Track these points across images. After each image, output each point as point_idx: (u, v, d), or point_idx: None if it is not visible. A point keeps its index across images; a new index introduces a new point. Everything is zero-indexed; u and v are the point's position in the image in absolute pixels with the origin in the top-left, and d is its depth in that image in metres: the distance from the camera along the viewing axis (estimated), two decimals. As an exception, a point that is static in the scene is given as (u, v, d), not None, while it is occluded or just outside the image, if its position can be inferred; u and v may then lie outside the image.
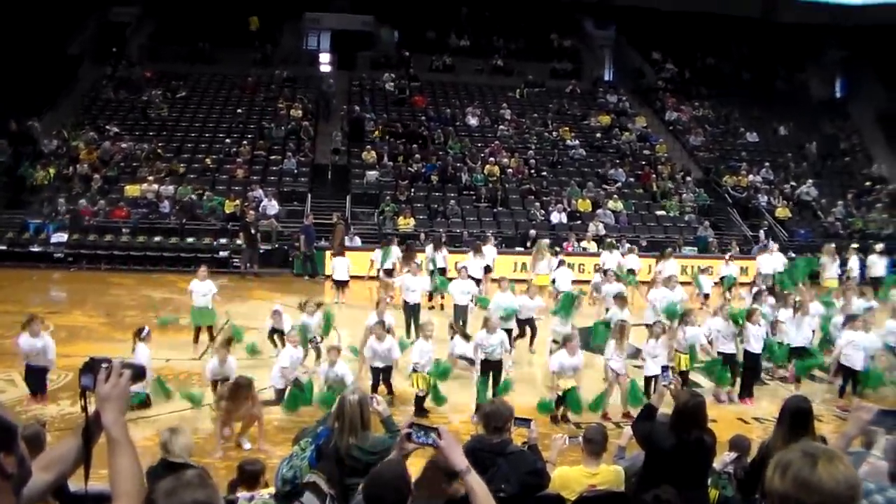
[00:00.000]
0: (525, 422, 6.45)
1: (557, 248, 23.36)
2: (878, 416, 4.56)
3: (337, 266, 21.69)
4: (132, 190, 27.76)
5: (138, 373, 3.20)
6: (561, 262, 21.37)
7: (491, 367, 12.93)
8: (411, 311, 17.79)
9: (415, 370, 12.55)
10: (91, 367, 3.11)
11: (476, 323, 15.26)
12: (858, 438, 6.74)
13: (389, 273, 21.28)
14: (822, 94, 44.94)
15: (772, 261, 23.48)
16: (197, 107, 34.62)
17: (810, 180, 34.31)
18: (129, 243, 25.61)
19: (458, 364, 13.73)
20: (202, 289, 16.20)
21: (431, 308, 20.21)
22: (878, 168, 37.27)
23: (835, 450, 2.89)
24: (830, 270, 23.37)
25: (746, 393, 14.11)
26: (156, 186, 27.74)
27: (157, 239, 25.95)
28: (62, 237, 25.19)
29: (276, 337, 15.37)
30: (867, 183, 35.74)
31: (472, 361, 13.36)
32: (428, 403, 12.68)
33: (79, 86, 35.22)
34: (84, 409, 3.10)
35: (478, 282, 20.63)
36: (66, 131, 30.67)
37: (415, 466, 4.37)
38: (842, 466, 2.70)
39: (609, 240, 25.68)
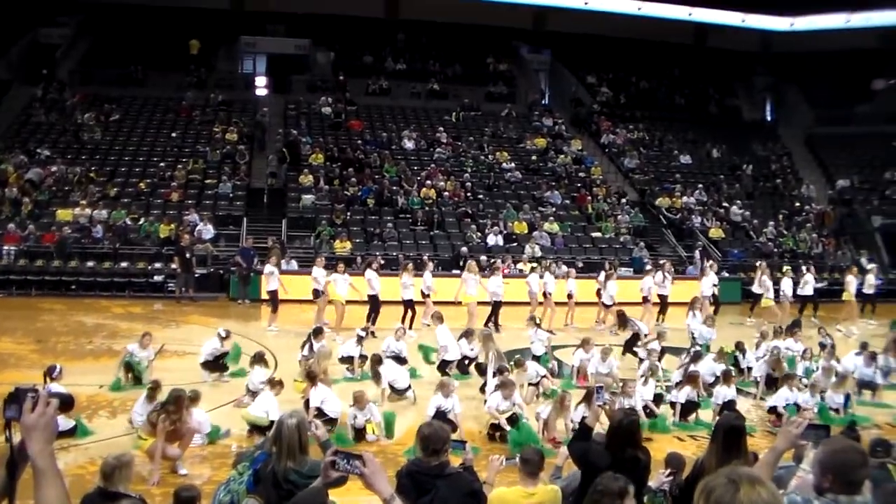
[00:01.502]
0: (460, 444, 6.47)
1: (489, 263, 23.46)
2: (807, 431, 4.69)
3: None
4: (64, 214, 27.29)
5: (66, 402, 3.14)
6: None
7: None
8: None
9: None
10: (16, 396, 3.05)
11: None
12: (789, 452, 6.87)
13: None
14: (753, 117, 45.94)
15: (710, 281, 23.82)
16: (130, 130, 34.18)
17: (738, 202, 34.97)
18: (61, 268, 25.16)
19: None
20: (141, 355, 15.57)
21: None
22: (807, 189, 38.13)
23: (757, 474, 2.99)
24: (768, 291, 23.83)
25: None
26: (88, 211, 27.31)
27: (89, 264, 25.53)
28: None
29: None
30: (796, 204, 36.51)
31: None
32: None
33: (7, 108, 34.58)
34: (8, 440, 3.04)
35: (415, 304, 20.85)
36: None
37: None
38: (763, 491, 2.81)
39: (532, 264, 25.63)
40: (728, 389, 13.81)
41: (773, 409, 13.83)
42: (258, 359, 14.18)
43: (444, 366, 15.42)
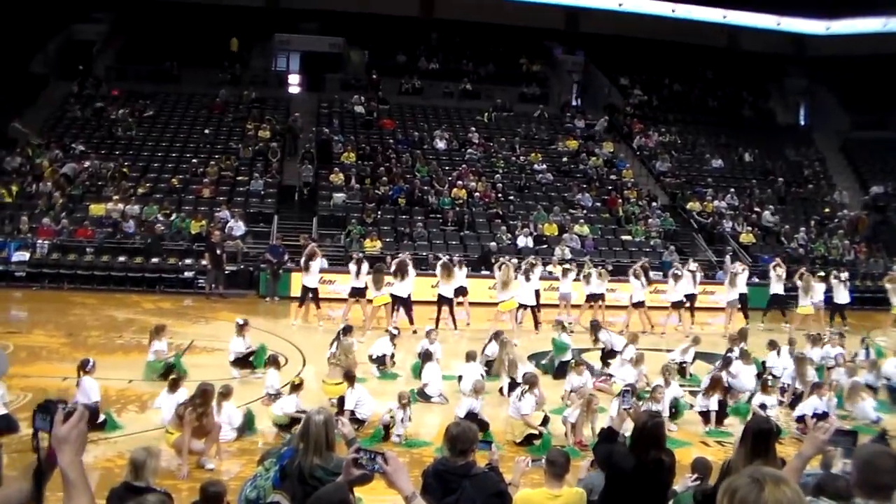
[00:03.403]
0: (487, 444, 6.47)
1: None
2: (835, 437, 4.65)
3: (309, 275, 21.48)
4: (97, 209, 27.51)
5: (93, 415, 3.18)
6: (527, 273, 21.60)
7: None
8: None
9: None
10: (47, 408, 3.10)
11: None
12: (817, 459, 6.81)
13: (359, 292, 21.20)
14: (786, 121, 45.62)
15: (738, 286, 23.66)
16: (164, 126, 34.38)
17: (770, 206, 34.75)
18: (93, 263, 25.36)
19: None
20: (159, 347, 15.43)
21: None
22: (840, 195, 37.79)
23: (781, 473, 2.97)
24: (804, 299, 23.56)
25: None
26: (121, 206, 27.50)
27: (121, 259, 25.71)
28: (24, 256, 24.85)
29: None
30: (828, 209, 36.21)
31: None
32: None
33: (44, 102, 34.90)
34: (36, 449, 3.06)
35: (449, 301, 20.98)
36: (31, 148, 30.32)
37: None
38: (787, 490, 2.78)
39: (565, 265, 25.39)
40: (767, 398, 13.70)
41: (801, 419, 13.71)
42: (271, 361, 14.24)
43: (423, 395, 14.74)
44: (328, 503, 3.99)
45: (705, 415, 13.75)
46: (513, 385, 13.87)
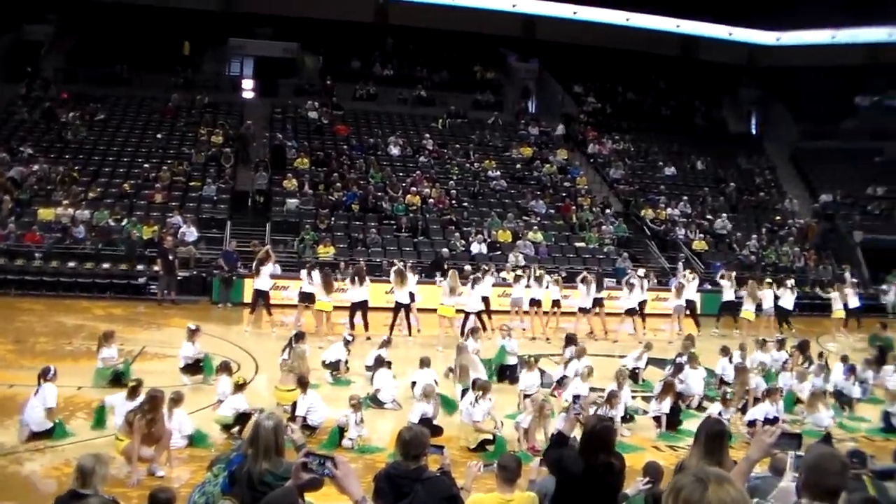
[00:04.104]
0: (438, 449, 6.46)
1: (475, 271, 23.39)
2: (780, 439, 4.70)
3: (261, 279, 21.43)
4: (46, 214, 27.10)
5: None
6: (476, 281, 21.61)
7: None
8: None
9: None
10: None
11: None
12: (766, 462, 6.88)
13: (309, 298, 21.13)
14: (738, 130, 46.21)
15: (688, 292, 23.90)
16: (115, 130, 33.89)
17: (722, 214, 35.18)
18: (42, 268, 24.99)
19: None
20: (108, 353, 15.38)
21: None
22: (790, 203, 38.33)
23: (725, 473, 2.99)
24: (748, 304, 23.89)
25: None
26: (71, 211, 27.12)
27: (71, 264, 25.37)
28: (-30, 261, 24.47)
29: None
30: (779, 217, 36.69)
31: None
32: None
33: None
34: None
35: (405, 307, 21.01)
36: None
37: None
38: (731, 490, 2.80)
39: (517, 272, 25.34)
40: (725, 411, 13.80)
41: (752, 423, 13.85)
42: (223, 368, 14.11)
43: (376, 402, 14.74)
44: (279, 507, 3.96)
45: (658, 419, 13.87)
46: (465, 391, 13.88)
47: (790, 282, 25.78)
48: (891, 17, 38.87)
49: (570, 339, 17.83)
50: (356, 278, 20.86)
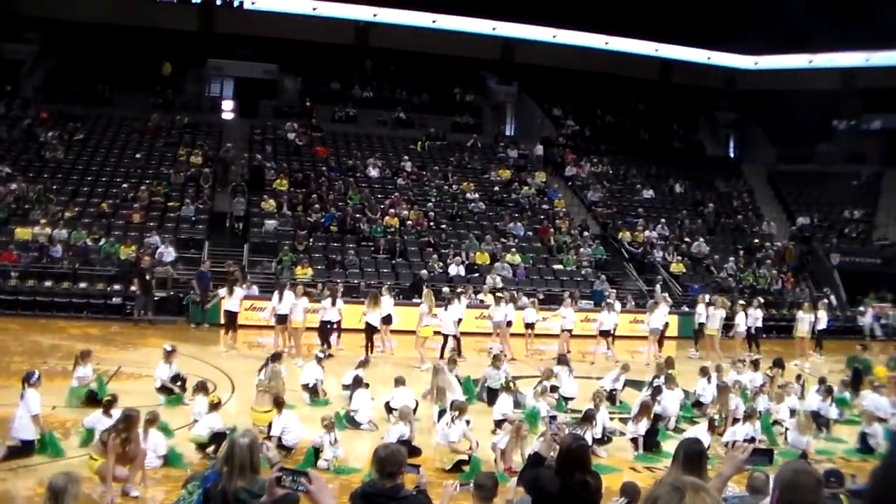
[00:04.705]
0: (414, 468, 6.46)
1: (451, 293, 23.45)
2: (751, 456, 4.75)
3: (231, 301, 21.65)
4: (23, 233, 26.93)
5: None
6: (449, 303, 21.70)
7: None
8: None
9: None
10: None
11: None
12: (743, 482, 6.91)
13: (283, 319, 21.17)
14: (716, 153, 46.57)
15: (660, 315, 23.95)
16: (94, 150, 33.74)
17: (700, 237, 35.39)
18: (18, 287, 24.84)
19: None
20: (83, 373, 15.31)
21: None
22: (768, 226, 38.60)
23: (701, 482, 3.00)
24: (713, 322, 24.06)
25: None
26: (48, 230, 26.96)
27: (47, 283, 25.22)
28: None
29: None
30: (756, 240, 36.92)
31: None
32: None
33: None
34: None
35: (375, 330, 20.96)
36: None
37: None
38: (707, 498, 2.82)
39: (498, 294, 25.27)
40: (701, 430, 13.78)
41: (729, 444, 13.87)
42: (199, 388, 14.03)
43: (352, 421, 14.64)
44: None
45: (635, 441, 13.89)
46: (442, 412, 13.86)
47: (757, 301, 26.12)
48: (866, 41, 39.39)
49: (562, 359, 17.92)
50: (330, 298, 21.17)
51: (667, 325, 24.20)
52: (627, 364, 18.37)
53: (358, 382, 15.02)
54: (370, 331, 21.04)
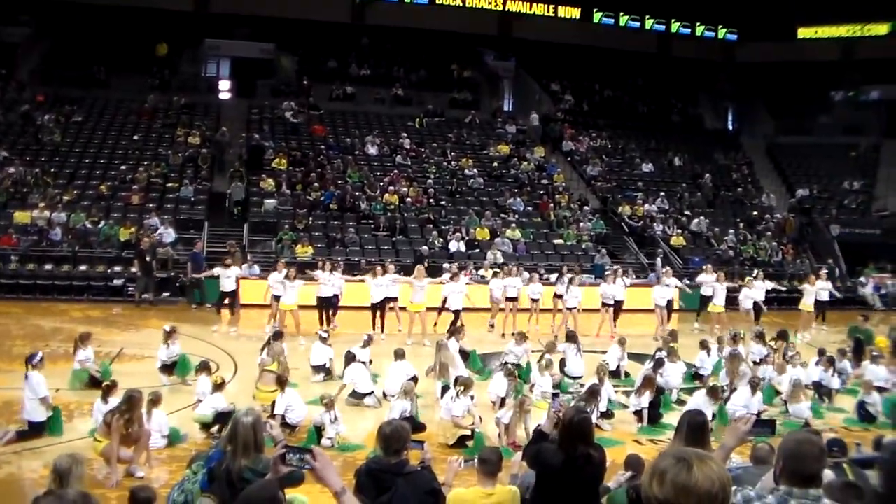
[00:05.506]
0: (419, 444, 6.47)
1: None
2: (753, 427, 4.76)
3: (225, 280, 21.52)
4: (21, 216, 26.89)
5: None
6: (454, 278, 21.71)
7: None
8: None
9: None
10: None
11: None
12: (746, 453, 6.92)
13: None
14: (714, 126, 46.48)
15: (666, 289, 23.87)
16: (92, 132, 33.65)
17: (700, 210, 35.37)
18: (18, 271, 24.83)
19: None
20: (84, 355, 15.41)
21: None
22: (767, 198, 38.56)
23: (704, 451, 2.99)
24: (718, 298, 23.97)
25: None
26: (47, 213, 26.93)
27: (47, 267, 25.22)
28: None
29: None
30: (756, 212, 36.90)
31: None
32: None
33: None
34: None
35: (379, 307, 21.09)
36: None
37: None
38: (715, 466, 2.81)
39: (494, 269, 25.36)
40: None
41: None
42: (202, 367, 14.05)
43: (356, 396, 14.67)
44: (259, 499, 3.94)
45: (638, 414, 13.92)
46: (445, 388, 13.87)
47: (756, 272, 26.13)
48: (864, 12, 39.33)
49: (570, 337, 17.88)
50: (330, 270, 21.38)
51: (671, 301, 24.09)
52: (623, 338, 18.33)
53: (350, 359, 14.91)
54: (373, 308, 21.22)
